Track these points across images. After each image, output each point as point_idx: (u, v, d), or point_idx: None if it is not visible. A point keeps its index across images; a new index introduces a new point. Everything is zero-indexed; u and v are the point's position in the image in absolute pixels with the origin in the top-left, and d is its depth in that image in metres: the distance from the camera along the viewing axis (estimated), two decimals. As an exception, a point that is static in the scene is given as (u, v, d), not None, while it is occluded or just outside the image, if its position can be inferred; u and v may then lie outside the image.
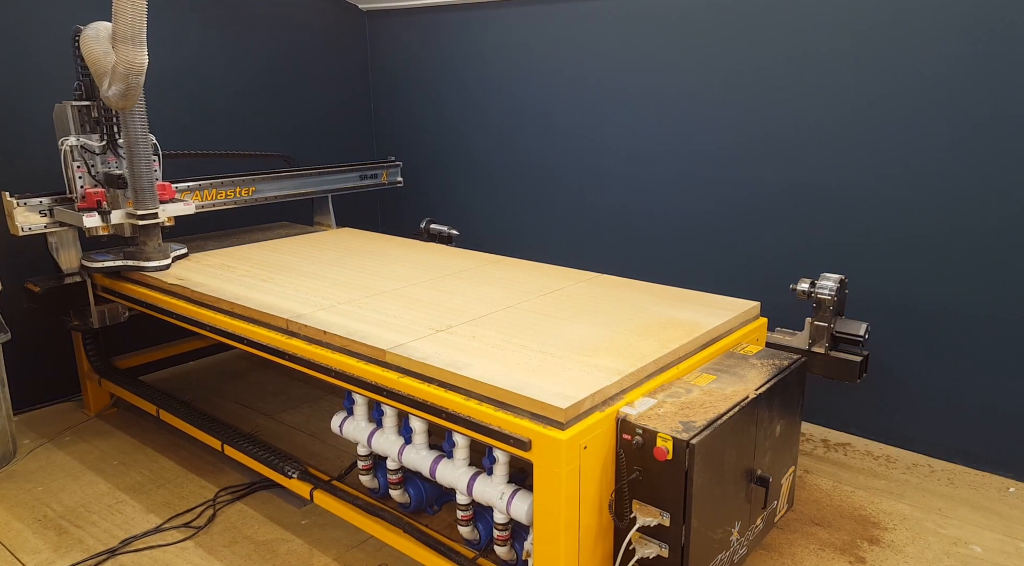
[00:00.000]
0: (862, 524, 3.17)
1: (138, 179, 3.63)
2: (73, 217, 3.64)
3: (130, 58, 3.12)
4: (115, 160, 3.76)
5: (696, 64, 4.18)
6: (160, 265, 3.71)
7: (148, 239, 3.76)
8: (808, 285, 3.42)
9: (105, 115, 3.70)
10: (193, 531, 3.18)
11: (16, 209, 3.62)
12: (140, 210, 3.67)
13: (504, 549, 2.53)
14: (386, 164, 5.22)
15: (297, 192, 4.73)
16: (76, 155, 3.67)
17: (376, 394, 2.62)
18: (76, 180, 3.68)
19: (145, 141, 3.61)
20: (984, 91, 3.34)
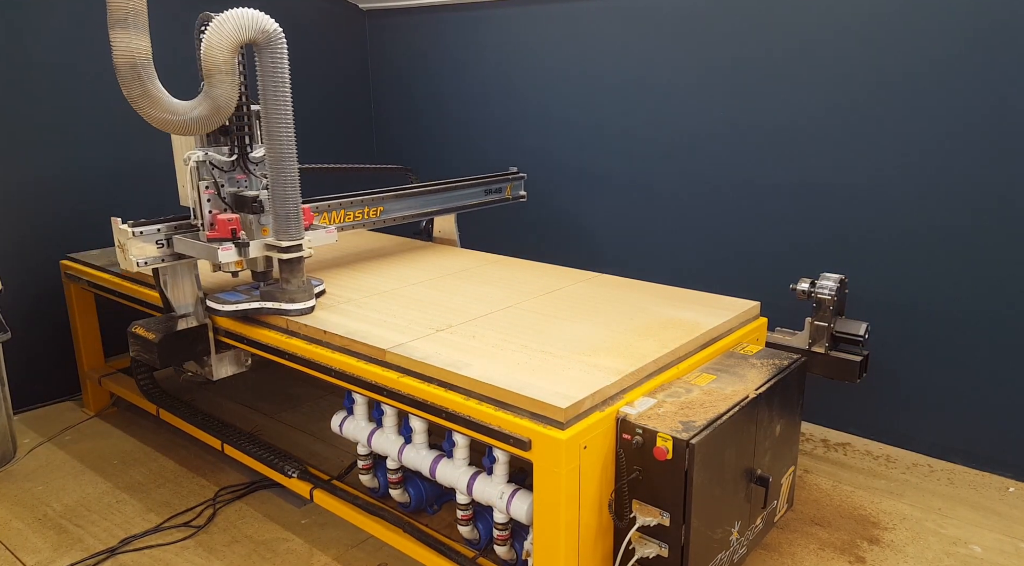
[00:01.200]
0: (862, 524, 3.18)
1: (284, 202, 2.89)
2: (202, 250, 2.98)
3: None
4: (244, 178, 3.12)
5: (696, 64, 4.18)
6: (306, 307, 3.01)
7: (292, 275, 3.00)
8: (808, 285, 3.42)
9: (237, 123, 3.07)
10: (193, 530, 3.18)
11: (130, 240, 2.97)
12: (284, 240, 2.94)
13: (504, 549, 2.53)
14: (511, 176, 4.51)
15: (423, 211, 4.06)
16: (204, 173, 3.04)
17: (376, 394, 2.61)
18: (204, 204, 3.03)
19: (292, 154, 2.88)
20: (984, 91, 3.34)
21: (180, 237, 3.07)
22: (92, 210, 4.43)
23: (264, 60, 2.76)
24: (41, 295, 4.29)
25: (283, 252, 2.95)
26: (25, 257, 4.20)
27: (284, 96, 2.80)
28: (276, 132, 2.83)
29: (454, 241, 4.40)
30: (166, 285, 3.18)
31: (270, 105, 2.80)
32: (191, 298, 3.24)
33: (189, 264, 3.19)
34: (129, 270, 3.06)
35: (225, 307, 3.06)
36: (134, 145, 4.55)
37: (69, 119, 4.27)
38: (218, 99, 2.70)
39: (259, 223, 3.06)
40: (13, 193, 4.12)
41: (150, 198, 4.69)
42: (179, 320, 3.20)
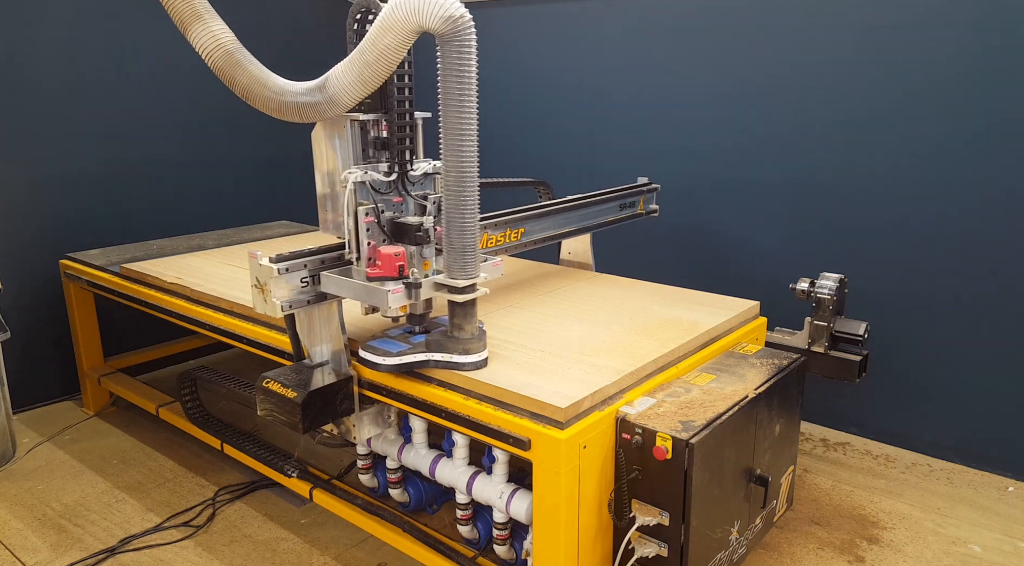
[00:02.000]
0: (861, 523, 3.18)
1: (461, 232, 2.33)
2: (363, 291, 2.41)
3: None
4: (400, 200, 2.57)
5: (696, 63, 4.18)
6: (481, 359, 2.45)
7: (465, 321, 2.44)
8: (808, 284, 3.42)
9: (399, 134, 2.52)
10: (192, 530, 3.18)
11: (274, 279, 2.40)
12: (460, 278, 2.36)
13: (504, 548, 2.53)
14: (644, 189, 3.95)
15: (560, 232, 3.47)
16: (363, 195, 2.46)
17: (376, 393, 2.61)
18: (363, 234, 2.45)
19: (475, 173, 2.33)
20: (985, 90, 3.34)
21: (331, 275, 2.47)
22: (92, 210, 4.44)
23: (447, 55, 2.24)
24: (41, 295, 4.29)
25: (459, 293, 2.36)
26: (25, 257, 4.20)
27: (470, 100, 2.28)
28: (458, 145, 2.28)
29: (589, 265, 3.80)
30: (301, 328, 2.64)
31: (451, 111, 2.28)
32: (331, 344, 2.64)
33: (332, 303, 2.60)
34: (271, 316, 2.50)
35: (387, 361, 2.45)
36: (133, 144, 4.56)
37: (69, 119, 4.27)
38: (337, 90, 2.28)
39: (420, 256, 2.50)
40: (13, 193, 4.12)
41: (150, 199, 4.70)
42: (314, 371, 2.61)
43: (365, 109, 2.49)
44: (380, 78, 2.27)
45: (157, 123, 4.63)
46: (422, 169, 2.62)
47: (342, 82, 2.27)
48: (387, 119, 2.52)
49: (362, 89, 2.28)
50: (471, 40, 2.22)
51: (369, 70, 2.23)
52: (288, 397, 2.47)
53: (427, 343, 2.48)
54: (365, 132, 2.51)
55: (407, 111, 2.55)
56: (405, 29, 2.17)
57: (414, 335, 2.60)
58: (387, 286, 2.36)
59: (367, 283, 2.40)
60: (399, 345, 2.52)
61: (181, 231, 4.71)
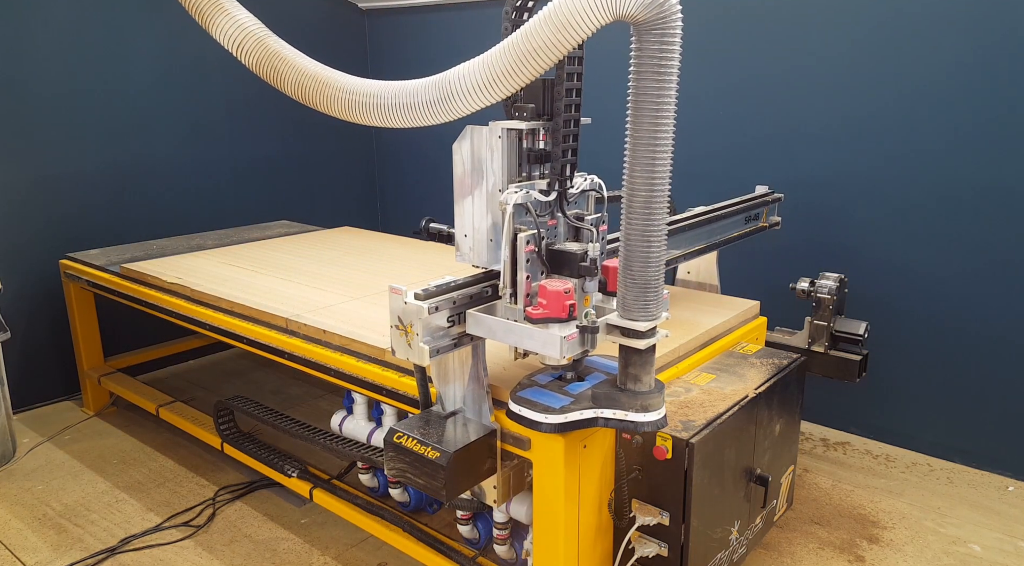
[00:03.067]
0: (861, 523, 3.18)
1: (645, 265, 1.91)
2: (529, 335, 1.99)
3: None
4: (553, 223, 2.18)
5: (696, 64, 4.17)
6: (661, 417, 2.03)
7: (643, 371, 2.03)
8: (808, 284, 3.42)
9: (563, 145, 2.12)
10: (193, 530, 3.18)
11: (423, 319, 2.00)
12: (642, 321, 1.94)
13: (504, 548, 2.53)
14: (768, 198, 3.58)
15: (691, 250, 3.07)
16: (523, 219, 2.08)
17: (376, 393, 2.61)
18: (522, 267, 2.04)
19: (665, 194, 1.88)
20: (985, 91, 3.34)
21: (481, 315, 2.08)
22: (92, 210, 4.44)
23: (646, 47, 1.77)
24: (41, 295, 4.29)
25: (639, 338, 1.95)
26: (25, 257, 4.20)
27: (668, 105, 1.80)
28: (650, 159, 1.82)
29: (715, 286, 3.46)
30: (432, 371, 2.21)
31: (645, 117, 1.81)
32: (470, 390, 2.22)
33: (475, 345, 2.19)
34: (419, 364, 2.07)
35: (550, 419, 2.01)
36: (133, 144, 4.56)
37: (69, 119, 4.27)
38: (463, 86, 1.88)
39: (582, 291, 2.11)
40: (13, 193, 4.12)
41: (150, 199, 4.70)
42: (448, 423, 2.21)
43: (528, 115, 2.13)
44: (525, 80, 1.85)
45: (157, 123, 4.63)
46: (580, 186, 2.24)
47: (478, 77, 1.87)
48: (550, 128, 2.12)
49: (500, 92, 1.89)
50: (678, 29, 1.77)
51: (526, 69, 1.79)
52: (428, 458, 2.06)
53: (593, 397, 2.08)
54: (518, 142, 2.13)
55: (574, 118, 2.16)
56: (594, 18, 1.71)
57: (568, 383, 2.20)
58: (555, 329, 1.95)
59: (531, 326, 1.99)
60: (559, 398, 2.10)
61: (181, 231, 4.71)
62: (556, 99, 2.10)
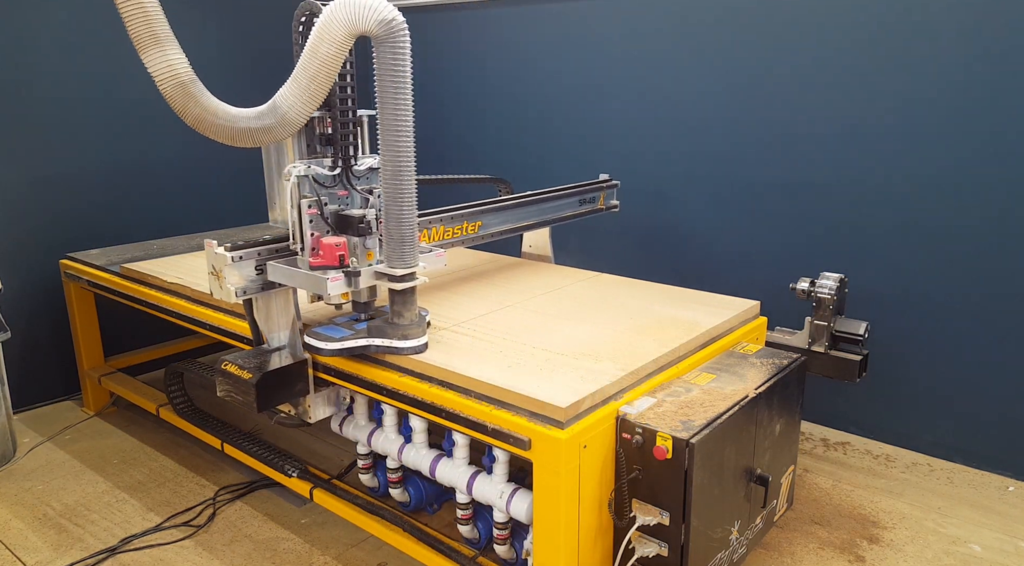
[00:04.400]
0: (861, 523, 3.18)
1: (399, 223, 2.48)
2: (305, 279, 2.54)
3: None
4: (346, 194, 2.73)
5: (696, 64, 4.18)
6: (420, 344, 2.58)
7: (405, 308, 2.58)
8: (808, 284, 3.42)
9: (342, 131, 2.66)
10: (193, 530, 3.18)
11: (228, 267, 2.58)
12: (399, 267, 2.51)
13: (504, 548, 2.53)
14: (604, 185, 4.14)
15: (518, 225, 3.66)
16: (307, 188, 2.60)
17: (376, 393, 2.61)
18: (306, 226, 2.59)
19: (411, 167, 2.46)
20: (984, 90, 3.34)
21: (277, 264, 2.61)
22: (92, 210, 4.44)
23: (382, 56, 2.36)
24: (41, 295, 4.29)
25: (398, 281, 2.51)
26: (25, 257, 4.20)
27: (405, 99, 2.41)
28: (394, 141, 2.41)
29: (548, 257, 4.00)
30: (259, 314, 2.79)
31: (388, 109, 2.39)
32: (287, 330, 2.81)
33: (287, 291, 2.76)
34: (226, 301, 2.65)
35: (329, 346, 2.62)
36: (133, 144, 4.56)
37: (69, 119, 4.28)
38: (286, 111, 2.38)
39: (364, 246, 2.63)
40: (13, 193, 4.12)
41: (150, 199, 4.70)
42: (272, 355, 2.76)
43: None
44: (326, 87, 2.37)
45: (157, 123, 4.62)
46: (367, 164, 2.74)
47: (290, 101, 2.37)
48: (331, 116, 2.63)
49: (312, 104, 2.39)
50: (405, 41, 2.37)
51: (315, 84, 2.35)
52: (243, 378, 2.62)
53: (368, 329, 2.64)
54: (311, 128, 2.64)
55: (350, 109, 2.66)
56: (341, 36, 2.29)
57: (359, 322, 2.76)
58: (328, 275, 2.48)
59: (309, 272, 2.53)
60: (343, 331, 2.69)
61: (181, 231, 4.71)
62: (331, 94, 2.61)
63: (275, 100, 2.39)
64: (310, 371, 2.78)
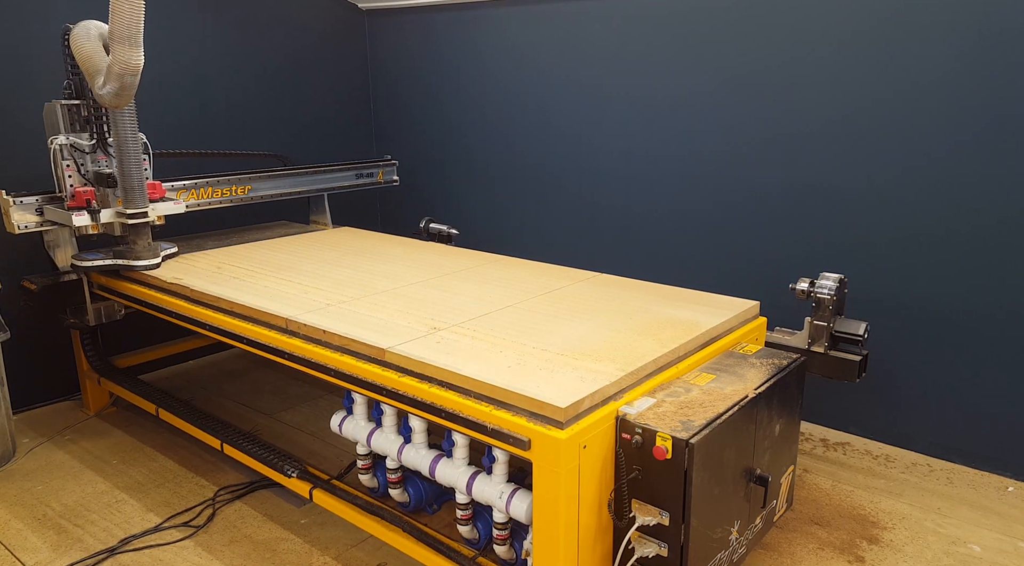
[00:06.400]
0: (861, 523, 3.18)
1: (127, 178, 3.61)
2: (63, 216, 3.61)
3: (126, 59, 3.12)
4: (105, 159, 3.77)
5: (696, 64, 4.18)
6: (149, 264, 3.70)
7: (138, 238, 3.75)
8: (807, 284, 3.42)
9: (95, 114, 3.70)
10: (192, 530, 3.18)
11: (12, 208, 3.62)
12: (130, 209, 3.65)
13: (503, 548, 2.53)
14: (382, 162, 5.20)
15: (292, 191, 4.71)
16: (66, 154, 3.67)
17: (376, 393, 2.61)
18: (66, 179, 3.68)
19: (135, 140, 3.59)
20: (984, 91, 3.34)
21: (50, 207, 3.71)
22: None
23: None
24: (40, 295, 4.28)
25: (129, 219, 3.66)
26: (25, 257, 4.19)
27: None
28: (120, 120, 3.51)
29: (327, 224, 4.94)
30: (51, 248, 3.85)
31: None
32: (71, 259, 3.86)
33: (68, 232, 3.83)
34: (12, 233, 3.66)
35: (85, 263, 3.74)
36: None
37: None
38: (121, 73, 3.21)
39: (114, 196, 3.71)
40: (12, 193, 4.12)
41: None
42: (62, 276, 3.86)
43: (70, 96, 3.68)
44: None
45: (157, 123, 4.62)
46: None
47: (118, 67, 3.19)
48: (86, 104, 3.68)
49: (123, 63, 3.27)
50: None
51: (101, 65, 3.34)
52: (30, 289, 3.78)
53: (114, 253, 3.78)
54: (74, 111, 3.70)
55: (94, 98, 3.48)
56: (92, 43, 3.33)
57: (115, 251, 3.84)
58: (80, 214, 3.58)
59: (66, 211, 3.61)
60: (99, 255, 3.81)
61: (181, 231, 4.71)
62: (86, 87, 3.59)
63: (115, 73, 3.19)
64: (86, 288, 3.92)
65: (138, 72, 3.21)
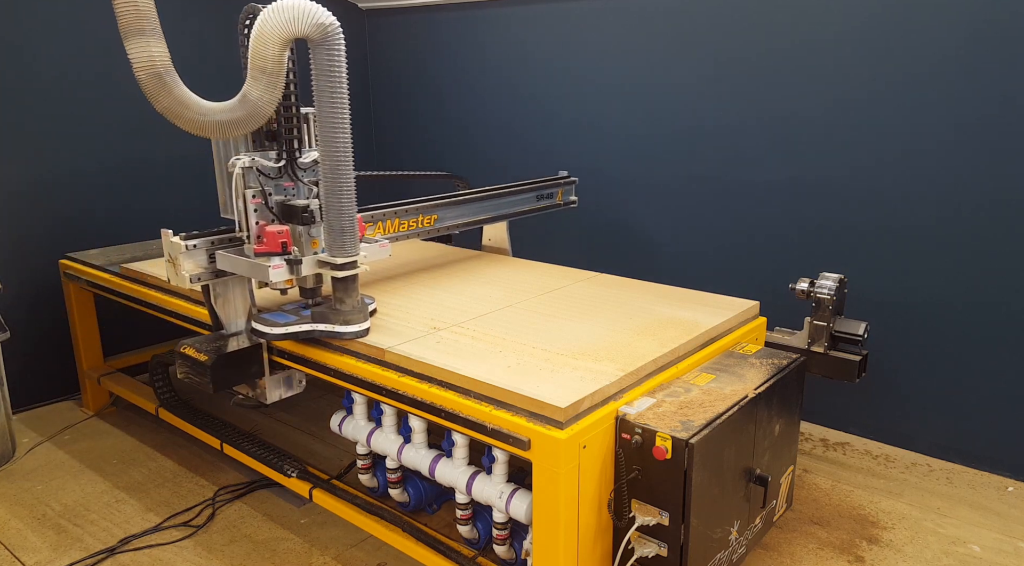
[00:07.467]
0: (861, 523, 3.18)
1: (338, 214, 2.61)
2: (248, 267, 2.69)
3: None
4: (291, 185, 2.85)
5: (696, 63, 4.18)
6: (361, 329, 2.74)
7: (346, 295, 2.73)
8: (807, 284, 3.42)
9: (286, 125, 2.79)
10: (192, 530, 3.18)
11: (183, 254, 2.73)
12: (339, 256, 2.65)
13: (503, 548, 2.53)
14: (562, 181, 4.29)
15: (476, 219, 3.83)
16: (251, 180, 2.75)
17: (375, 393, 2.61)
18: (251, 215, 2.75)
19: (349, 162, 2.61)
20: (984, 90, 3.34)
21: (224, 253, 2.77)
22: (92, 210, 4.44)
23: (319, 58, 2.50)
24: (40, 295, 4.29)
25: (338, 270, 2.65)
26: (25, 257, 4.20)
27: (341, 98, 2.54)
28: (332, 137, 2.54)
29: (506, 250, 4.14)
30: (216, 301, 2.91)
31: (325, 107, 2.52)
32: (243, 315, 2.96)
33: (244, 279, 2.91)
34: (181, 287, 2.80)
35: (274, 330, 2.76)
36: (133, 144, 4.55)
37: (69, 119, 4.27)
38: (256, 102, 2.52)
39: (309, 235, 2.74)
40: (13, 193, 4.12)
41: (150, 199, 4.69)
42: (230, 339, 2.89)
43: None
44: (282, 81, 2.55)
45: (157, 123, 4.59)
46: (311, 157, 2.85)
47: (258, 94, 2.52)
48: (275, 112, 2.71)
49: (276, 94, 2.55)
50: (340, 45, 2.50)
51: (274, 78, 2.51)
52: (200, 360, 2.75)
53: (312, 315, 2.78)
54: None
55: (292, 105, 2.78)
56: (281, 38, 2.44)
57: (305, 308, 2.89)
58: (271, 262, 2.62)
59: (254, 260, 2.66)
60: (289, 317, 2.83)
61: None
62: None
63: (244, 95, 2.52)
64: (265, 354, 2.92)
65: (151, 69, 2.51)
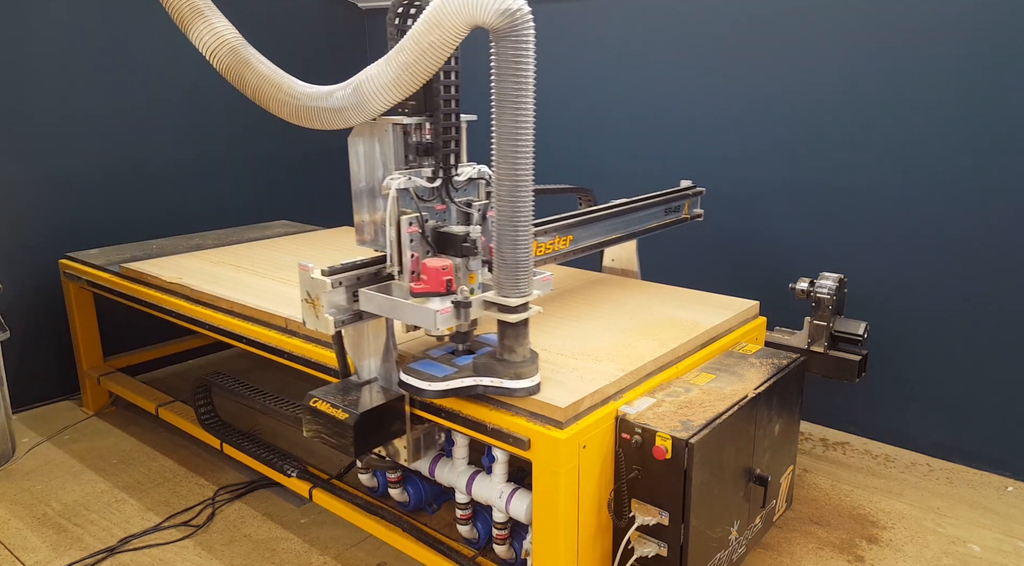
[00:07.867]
0: (861, 523, 3.18)
1: (513, 246, 2.11)
2: (408, 310, 2.19)
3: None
4: (443, 208, 2.38)
5: (696, 63, 4.18)
6: (534, 384, 2.24)
7: (517, 343, 2.23)
8: (807, 284, 3.42)
9: (444, 137, 2.34)
10: (192, 530, 3.18)
11: (327, 293, 2.24)
12: (513, 297, 2.15)
13: (503, 548, 2.53)
14: (690, 192, 3.77)
15: (609, 238, 3.31)
16: (407, 203, 2.26)
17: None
18: (405, 246, 2.25)
19: (530, 183, 2.12)
20: (985, 91, 3.34)
21: (372, 293, 2.27)
22: (92, 210, 4.44)
23: (503, 52, 2.04)
24: (40, 295, 4.28)
25: (511, 313, 2.14)
26: (25, 257, 4.20)
27: (526, 103, 2.08)
28: (512, 152, 2.05)
29: (635, 272, 3.67)
30: (349, 343, 2.44)
31: (506, 114, 2.07)
32: (380, 361, 2.47)
33: (382, 324, 2.45)
34: (325, 333, 2.31)
35: (433, 387, 2.24)
36: (133, 144, 4.55)
37: (69, 120, 4.27)
38: (370, 95, 2.07)
39: (467, 269, 2.27)
40: (13, 193, 4.12)
41: (150, 199, 4.70)
42: (363, 390, 2.42)
43: (409, 112, 2.31)
44: (419, 81, 2.05)
45: (157, 123, 4.63)
46: (467, 174, 2.41)
47: (375, 87, 2.06)
48: (432, 122, 2.34)
49: (397, 94, 2.07)
50: (530, 36, 2.01)
51: (407, 73, 2.02)
52: (339, 418, 2.26)
53: (475, 366, 2.27)
54: (407, 136, 2.34)
55: (454, 112, 2.37)
56: (456, 24, 1.96)
57: (458, 356, 2.41)
58: (433, 304, 2.14)
59: (410, 302, 2.17)
60: (444, 368, 2.32)
61: (181, 231, 4.71)
62: (434, 96, 2.31)
63: (357, 82, 2.09)
64: (407, 408, 2.46)
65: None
